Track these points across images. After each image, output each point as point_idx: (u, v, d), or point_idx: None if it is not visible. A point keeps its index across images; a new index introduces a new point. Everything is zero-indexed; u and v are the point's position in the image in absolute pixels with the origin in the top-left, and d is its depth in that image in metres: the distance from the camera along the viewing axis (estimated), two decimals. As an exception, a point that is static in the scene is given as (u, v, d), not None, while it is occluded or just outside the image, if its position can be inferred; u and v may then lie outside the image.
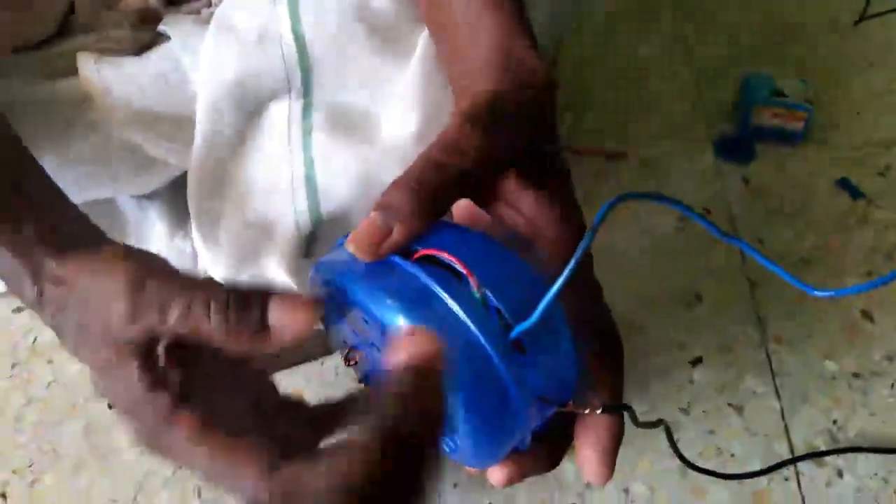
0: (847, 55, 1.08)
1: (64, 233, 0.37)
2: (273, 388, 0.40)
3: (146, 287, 0.33)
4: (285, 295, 0.33)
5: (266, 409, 0.39)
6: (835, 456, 0.66)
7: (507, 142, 0.35)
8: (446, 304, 0.30)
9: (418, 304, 0.30)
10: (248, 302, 0.33)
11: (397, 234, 0.32)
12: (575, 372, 0.33)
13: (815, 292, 0.31)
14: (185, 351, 0.34)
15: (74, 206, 0.41)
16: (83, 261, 0.35)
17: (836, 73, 1.05)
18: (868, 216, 0.87)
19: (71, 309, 0.35)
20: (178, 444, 0.33)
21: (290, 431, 0.38)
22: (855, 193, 0.89)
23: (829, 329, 0.76)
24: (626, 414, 0.34)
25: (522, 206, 0.35)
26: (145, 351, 0.33)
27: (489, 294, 0.30)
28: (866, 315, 0.77)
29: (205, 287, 0.33)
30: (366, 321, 0.33)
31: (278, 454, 0.32)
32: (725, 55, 1.07)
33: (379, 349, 0.33)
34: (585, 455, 0.34)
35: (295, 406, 0.40)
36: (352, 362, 0.36)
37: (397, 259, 0.32)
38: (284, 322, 0.32)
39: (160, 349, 0.33)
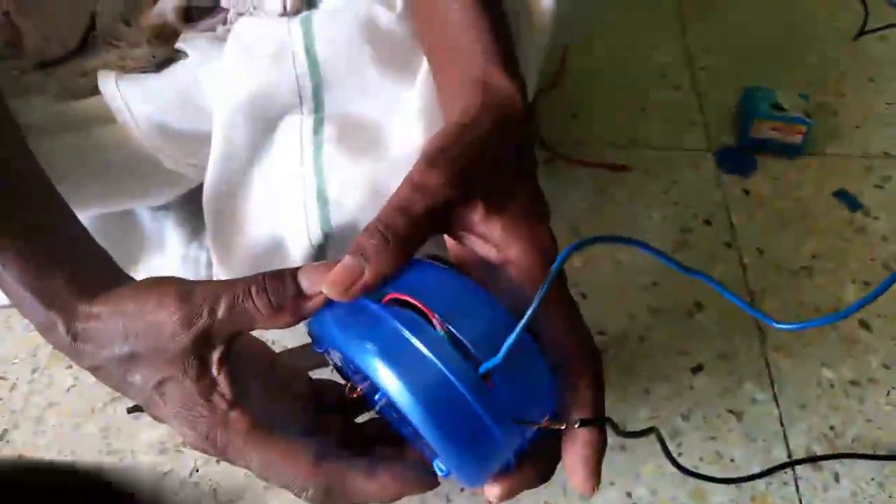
0: (846, 69, 1.10)
1: (90, 274, 0.40)
2: (307, 383, 0.43)
3: (195, 294, 0.36)
4: (310, 264, 0.37)
5: (305, 403, 0.42)
6: (832, 461, 0.68)
7: (472, 174, 0.37)
8: (413, 345, 0.32)
9: (389, 345, 0.33)
10: (281, 277, 0.36)
11: (367, 276, 0.34)
12: (551, 390, 0.35)
13: (777, 325, 0.34)
14: (232, 358, 0.37)
15: (98, 246, 0.43)
16: (118, 295, 0.38)
17: (836, 87, 1.07)
18: (866, 227, 0.89)
19: (114, 343, 0.37)
20: (232, 444, 0.37)
21: (328, 422, 0.41)
22: (853, 205, 0.91)
23: (827, 338, 0.78)
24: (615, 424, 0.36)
25: (491, 234, 0.37)
26: (198, 360, 0.36)
27: (454, 331, 0.33)
28: (864, 324, 0.79)
29: (242, 280, 0.37)
30: (347, 361, 0.35)
31: (321, 450, 0.36)
32: (727, 68, 1.09)
33: (370, 382, 0.35)
34: (570, 468, 0.36)
35: (325, 393, 0.43)
36: (355, 394, 0.38)
37: (370, 303, 0.34)
38: (316, 284, 0.36)
39: (215, 356, 0.36)
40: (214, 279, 0.74)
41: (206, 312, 0.36)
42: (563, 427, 0.35)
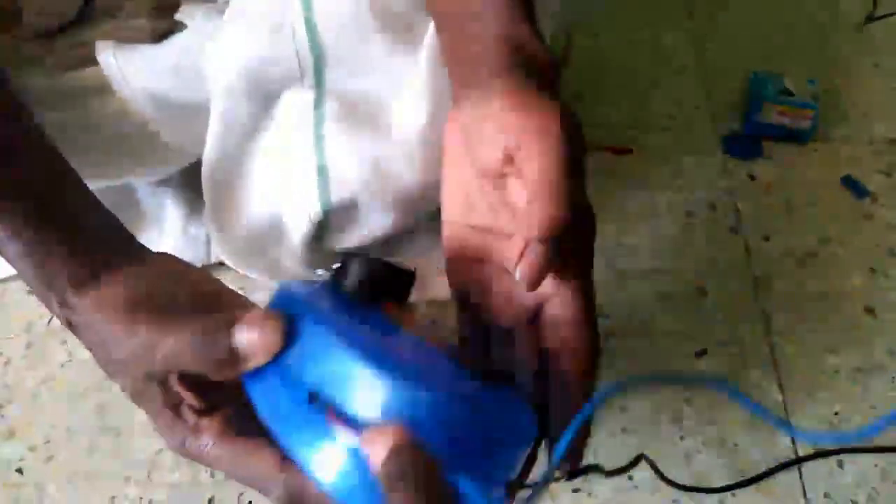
0: (854, 56, 1.08)
1: (90, 251, 0.39)
2: None
3: (137, 333, 0.37)
4: (251, 315, 0.35)
5: None
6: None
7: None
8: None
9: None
10: (217, 327, 0.35)
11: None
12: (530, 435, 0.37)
13: (807, 439, 0.32)
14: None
15: (105, 214, 0.42)
16: (102, 296, 0.38)
17: (844, 73, 1.05)
18: (872, 214, 0.88)
19: (94, 346, 0.38)
20: (204, 451, 0.37)
21: None
22: (860, 192, 0.90)
23: (832, 324, 0.77)
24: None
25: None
26: (160, 385, 0.37)
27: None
28: (869, 311, 0.78)
29: (184, 324, 0.36)
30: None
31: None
32: (734, 53, 1.08)
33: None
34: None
35: None
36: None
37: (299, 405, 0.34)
38: (252, 344, 0.35)
39: (171, 380, 0.37)
40: (212, 257, 0.73)
41: (148, 355, 0.36)
42: (553, 478, 0.35)
